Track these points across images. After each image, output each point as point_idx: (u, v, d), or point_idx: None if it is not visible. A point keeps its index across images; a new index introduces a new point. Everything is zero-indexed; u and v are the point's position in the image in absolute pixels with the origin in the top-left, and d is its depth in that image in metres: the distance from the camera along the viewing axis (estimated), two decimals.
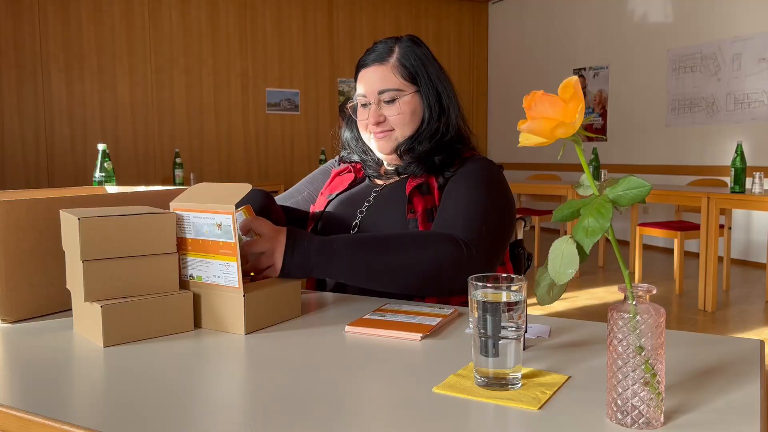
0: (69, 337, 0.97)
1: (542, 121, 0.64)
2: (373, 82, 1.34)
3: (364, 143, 1.45)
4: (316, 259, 1.09)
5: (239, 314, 0.97)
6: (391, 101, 1.33)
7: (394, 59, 1.34)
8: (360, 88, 1.37)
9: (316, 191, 1.53)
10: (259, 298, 1.00)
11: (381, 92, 1.33)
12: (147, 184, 6.57)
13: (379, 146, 1.37)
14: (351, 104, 1.42)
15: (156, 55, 6.67)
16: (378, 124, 1.34)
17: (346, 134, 1.48)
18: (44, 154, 6.29)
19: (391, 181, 1.39)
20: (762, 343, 0.89)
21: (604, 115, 6.98)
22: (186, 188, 1.11)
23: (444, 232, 1.15)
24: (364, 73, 1.37)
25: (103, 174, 2.06)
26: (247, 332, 0.98)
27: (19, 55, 6.13)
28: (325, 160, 5.99)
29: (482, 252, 1.15)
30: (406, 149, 1.35)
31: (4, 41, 6.06)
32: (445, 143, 1.36)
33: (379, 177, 1.42)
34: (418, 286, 1.14)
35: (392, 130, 1.35)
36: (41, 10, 6.18)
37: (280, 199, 1.55)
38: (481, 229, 1.17)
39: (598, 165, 5.29)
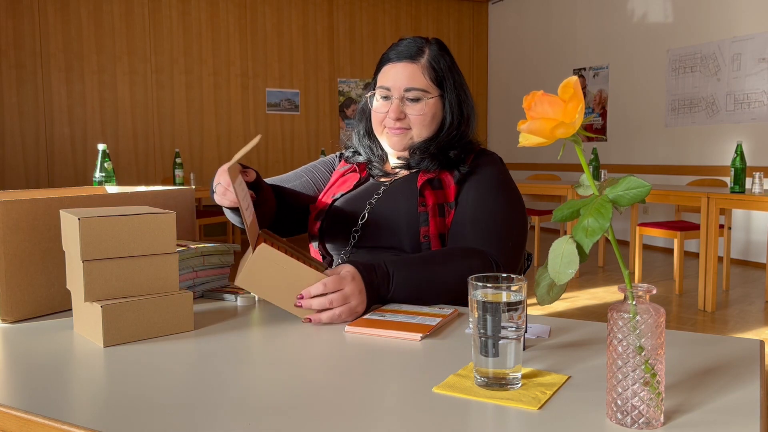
0: (69, 337, 0.97)
1: (542, 121, 0.64)
2: (401, 78, 1.33)
3: (370, 139, 1.44)
4: (384, 291, 1.12)
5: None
6: (415, 100, 1.33)
7: (425, 60, 1.34)
8: (384, 82, 1.36)
9: (314, 181, 1.51)
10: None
11: (407, 89, 1.33)
12: (147, 184, 6.57)
13: (392, 142, 1.37)
14: (369, 94, 1.41)
15: (156, 55, 6.67)
16: (397, 119, 1.34)
17: (359, 127, 1.46)
18: (44, 154, 6.30)
19: (401, 175, 1.39)
20: (762, 343, 0.89)
21: (604, 115, 6.98)
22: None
23: (476, 249, 1.21)
24: (391, 67, 1.36)
25: (103, 174, 2.06)
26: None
27: (19, 55, 6.13)
28: None
29: (508, 268, 1.24)
30: (420, 148, 1.35)
31: (4, 41, 6.06)
32: (459, 146, 1.37)
33: (385, 175, 1.42)
34: (450, 299, 1.18)
35: (409, 128, 1.35)
36: (41, 10, 6.18)
37: (274, 181, 1.51)
38: (507, 245, 1.24)
39: (598, 165, 5.29)
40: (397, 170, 1.40)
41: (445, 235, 1.28)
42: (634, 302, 0.63)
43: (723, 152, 5.71)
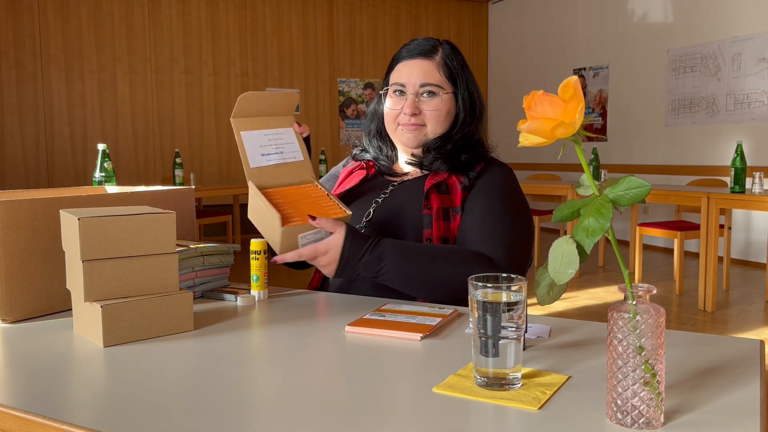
0: (69, 337, 0.97)
1: (542, 121, 0.64)
2: (416, 73, 1.34)
3: (381, 139, 1.44)
4: (364, 266, 1.17)
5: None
6: (431, 95, 1.34)
7: (439, 57, 1.35)
8: (398, 78, 1.36)
9: None
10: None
11: (423, 85, 1.34)
12: (147, 184, 6.56)
13: (405, 139, 1.36)
14: (382, 91, 1.41)
15: (156, 55, 6.67)
16: (413, 115, 1.34)
17: (370, 126, 1.46)
18: (44, 154, 6.29)
19: (410, 177, 1.39)
20: (762, 343, 0.89)
21: (604, 115, 6.98)
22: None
23: (483, 253, 1.22)
24: (406, 64, 1.36)
25: (103, 174, 2.06)
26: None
27: (19, 55, 6.13)
28: (325, 161, 5.99)
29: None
30: (435, 146, 1.35)
31: (4, 41, 6.06)
32: (470, 145, 1.37)
33: (393, 174, 1.42)
34: (449, 298, 1.18)
35: (423, 125, 1.35)
36: (41, 10, 6.18)
37: None
38: (513, 253, 1.26)
39: (598, 165, 5.29)
40: (407, 171, 1.40)
41: (449, 240, 1.28)
42: (634, 302, 0.63)
43: (723, 152, 5.71)
